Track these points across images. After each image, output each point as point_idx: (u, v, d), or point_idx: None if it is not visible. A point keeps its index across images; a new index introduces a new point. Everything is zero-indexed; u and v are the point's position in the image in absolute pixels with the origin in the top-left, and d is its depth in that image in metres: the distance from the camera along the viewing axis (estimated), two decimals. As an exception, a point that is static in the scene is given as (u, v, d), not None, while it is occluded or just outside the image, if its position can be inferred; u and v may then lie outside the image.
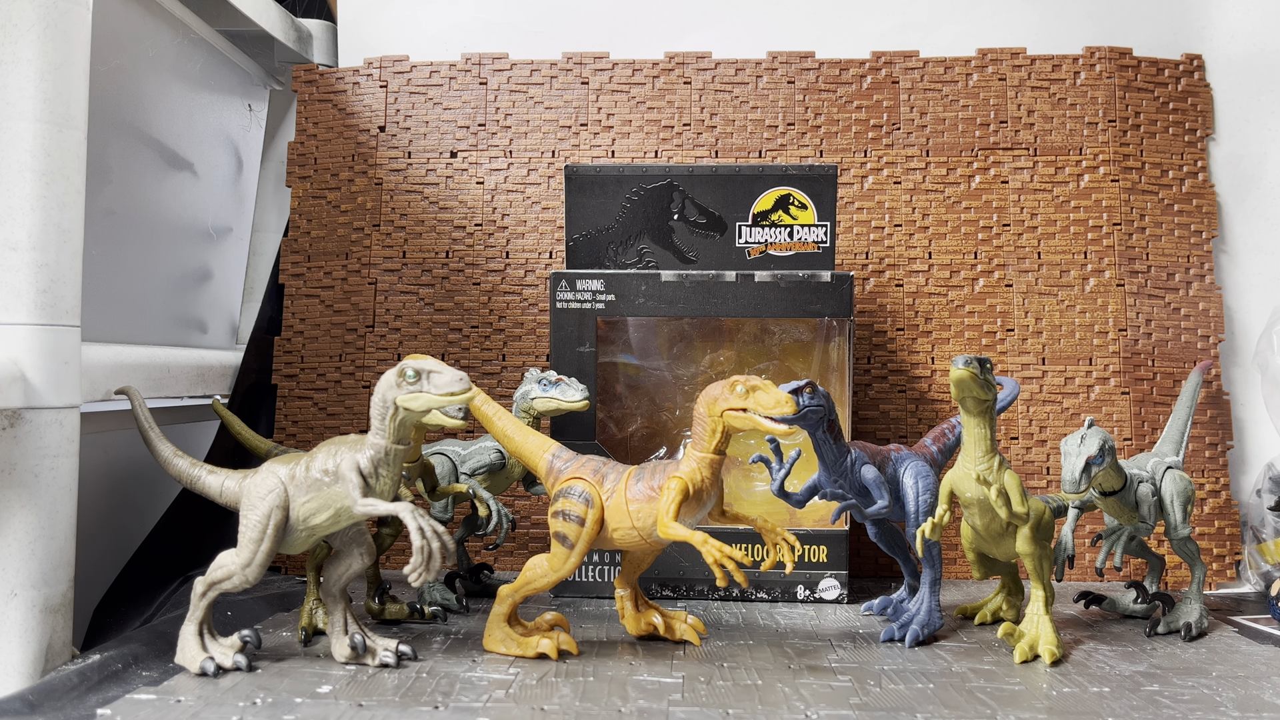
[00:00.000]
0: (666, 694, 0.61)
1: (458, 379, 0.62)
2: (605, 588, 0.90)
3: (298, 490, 0.65)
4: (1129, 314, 1.06)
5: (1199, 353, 1.07)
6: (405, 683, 0.62)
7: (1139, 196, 1.09)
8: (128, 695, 0.59)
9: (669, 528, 0.66)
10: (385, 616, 0.79)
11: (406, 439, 0.64)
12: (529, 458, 0.74)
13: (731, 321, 0.97)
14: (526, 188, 1.10)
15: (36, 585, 0.63)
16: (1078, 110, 1.09)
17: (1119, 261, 1.07)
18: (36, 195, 0.63)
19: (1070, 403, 1.05)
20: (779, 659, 0.70)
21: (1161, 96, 1.10)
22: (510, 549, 1.04)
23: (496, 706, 0.58)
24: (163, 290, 0.98)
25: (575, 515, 0.69)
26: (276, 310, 1.10)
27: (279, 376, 1.08)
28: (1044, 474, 1.04)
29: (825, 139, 1.10)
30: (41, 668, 0.63)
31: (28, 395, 0.63)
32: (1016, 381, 0.93)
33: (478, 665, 0.67)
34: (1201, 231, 1.09)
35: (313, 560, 0.76)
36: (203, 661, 0.63)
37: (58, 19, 0.64)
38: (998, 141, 1.09)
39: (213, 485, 0.69)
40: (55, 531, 0.64)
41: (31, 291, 0.63)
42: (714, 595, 0.90)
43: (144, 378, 0.82)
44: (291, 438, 1.07)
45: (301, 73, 1.13)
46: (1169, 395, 1.06)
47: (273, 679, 0.63)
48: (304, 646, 0.71)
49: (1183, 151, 1.10)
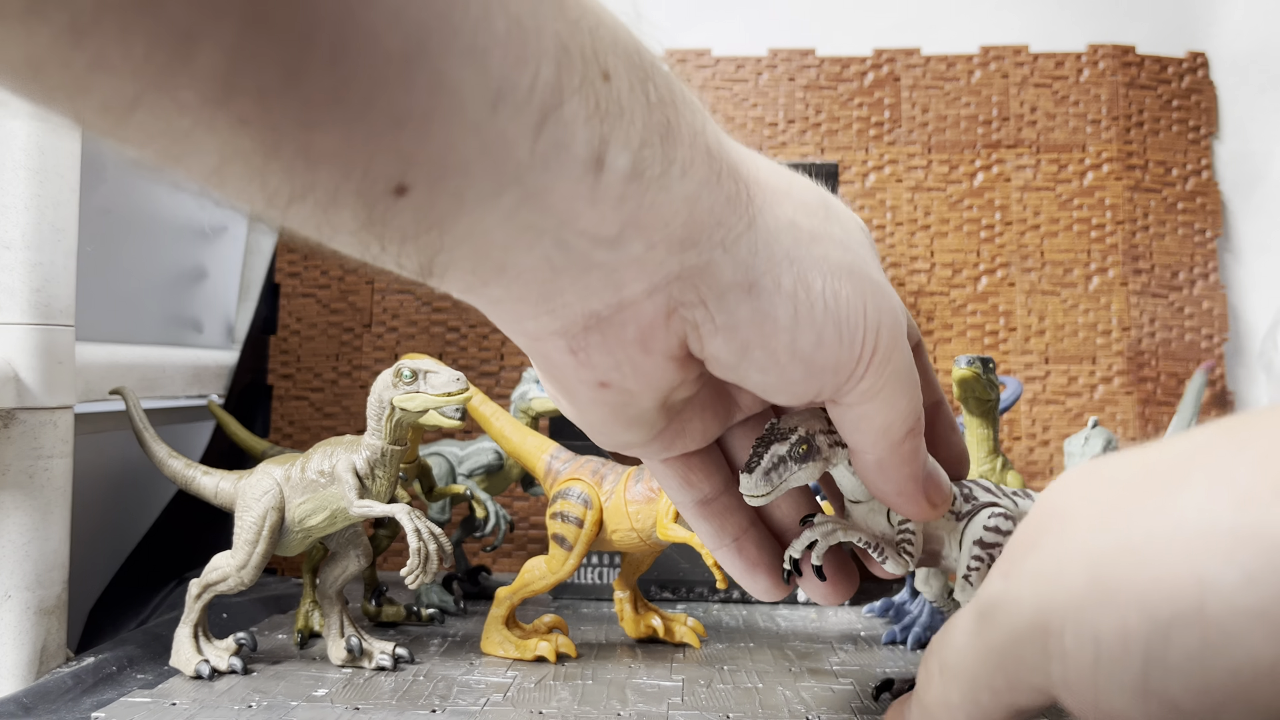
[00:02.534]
0: (666, 697, 0.60)
1: (455, 379, 0.61)
2: (604, 590, 0.89)
3: (293, 491, 0.64)
4: (1133, 313, 1.06)
5: (1203, 352, 1.06)
6: (402, 685, 0.62)
7: (1143, 195, 1.08)
8: (122, 698, 0.59)
9: (668, 529, 0.65)
10: (382, 619, 0.78)
11: (403, 440, 0.64)
12: (527, 458, 0.73)
13: (732, 321, 0.96)
14: (525, 186, 1.09)
15: (31, 587, 0.62)
16: (1081, 108, 1.09)
17: (1123, 260, 1.06)
18: (30, 193, 0.63)
19: (1074, 403, 1.05)
20: (780, 662, 0.69)
21: (1165, 94, 1.10)
22: (508, 550, 1.04)
23: (494, 710, 0.58)
24: (158, 289, 0.98)
25: (574, 517, 0.68)
26: (272, 309, 1.10)
27: (275, 376, 1.08)
28: (1047, 475, 1.04)
29: (826, 136, 1.09)
30: (36, 670, 0.63)
31: (21, 395, 0.62)
32: (1020, 381, 0.93)
33: (475, 668, 0.66)
34: (1206, 230, 1.08)
35: (309, 562, 0.76)
36: (198, 664, 0.63)
37: (50, 15, 0.63)
38: (1000, 139, 1.08)
39: (208, 486, 0.69)
40: (49, 533, 0.64)
41: (25, 291, 0.63)
42: (714, 597, 0.90)
43: (139, 378, 0.82)
44: (287, 438, 1.06)
45: (299, 70, 1.13)
46: (1173, 395, 1.05)
47: (268, 682, 0.62)
48: (300, 649, 0.71)
49: (1187, 149, 1.09)
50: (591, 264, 0.29)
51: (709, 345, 0.33)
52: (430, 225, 0.26)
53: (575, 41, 0.26)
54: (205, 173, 0.23)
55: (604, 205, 0.28)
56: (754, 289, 0.32)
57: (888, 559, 0.47)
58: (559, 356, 0.33)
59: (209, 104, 0.21)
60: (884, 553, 0.47)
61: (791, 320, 0.33)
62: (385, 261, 0.27)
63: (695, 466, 0.43)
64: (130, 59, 0.19)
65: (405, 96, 0.23)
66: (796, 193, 0.36)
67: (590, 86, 0.26)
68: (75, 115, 0.21)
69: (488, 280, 0.29)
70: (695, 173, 0.30)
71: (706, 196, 0.30)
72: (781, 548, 0.47)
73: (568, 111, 0.26)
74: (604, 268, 0.30)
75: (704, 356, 0.34)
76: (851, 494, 0.48)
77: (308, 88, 0.21)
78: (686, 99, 0.31)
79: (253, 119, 0.21)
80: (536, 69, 0.25)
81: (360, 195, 0.24)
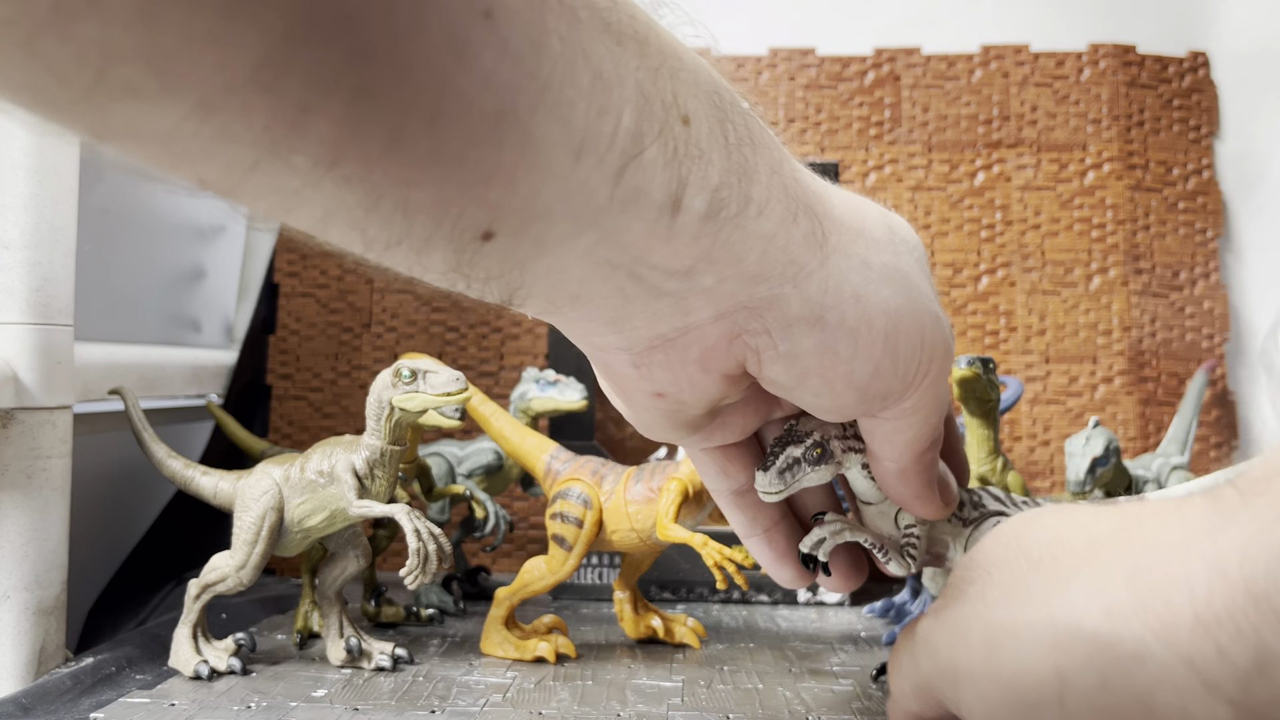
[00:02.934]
0: (666, 698, 0.60)
1: (454, 379, 0.61)
2: (604, 590, 0.89)
3: (292, 492, 0.64)
4: (1134, 313, 1.06)
5: (1204, 352, 1.06)
6: (401, 686, 0.62)
7: (1143, 194, 1.08)
8: (121, 698, 0.58)
9: (668, 529, 0.65)
10: (381, 619, 0.78)
11: (403, 440, 0.64)
12: (527, 458, 0.73)
13: (732, 320, 0.96)
14: (525, 186, 1.09)
15: (29, 588, 0.62)
16: (1082, 107, 1.08)
17: (1124, 260, 1.06)
18: (29, 193, 0.63)
19: (1074, 403, 1.04)
20: (780, 662, 0.69)
21: (1166, 93, 1.10)
22: (508, 551, 1.03)
23: (494, 710, 0.57)
24: (156, 289, 0.98)
25: (573, 517, 0.68)
26: (271, 309, 1.10)
27: (274, 376, 1.08)
28: (1048, 475, 1.03)
29: (827, 136, 1.09)
30: (34, 671, 0.62)
31: (19, 395, 0.62)
32: (1020, 381, 0.93)
33: (475, 668, 0.66)
34: (1207, 230, 1.08)
35: (308, 562, 0.76)
36: (197, 665, 0.63)
37: (49, 14, 0.63)
38: (1001, 139, 1.08)
39: (207, 486, 0.68)
40: (48, 534, 0.64)
41: (23, 290, 0.63)
42: (714, 598, 0.89)
43: (138, 378, 0.82)
44: (286, 438, 1.06)
45: (298, 70, 1.12)
46: (1174, 395, 1.05)
47: (268, 682, 0.62)
48: (299, 649, 0.71)
49: (1188, 149, 1.09)
50: (662, 293, 0.31)
51: (767, 369, 0.34)
52: (513, 266, 0.28)
53: (655, 89, 0.27)
54: (310, 223, 0.25)
55: (678, 243, 0.29)
56: (819, 323, 0.33)
57: (891, 560, 0.49)
58: (621, 368, 0.35)
59: (318, 167, 0.22)
60: (888, 554, 0.49)
61: (851, 353, 0.34)
62: (469, 292, 0.29)
63: (733, 457, 0.44)
64: (251, 130, 0.21)
65: (495, 153, 0.24)
66: (868, 228, 0.37)
67: (669, 132, 0.28)
68: (198, 178, 0.22)
69: (562, 306, 0.31)
70: (772, 212, 0.31)
71: (782, 235, 0.31)
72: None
73: (647, 157, 0.27)
74: (674, 296, 0.31)
75: (760, 377, 0.36)
76: (864, 496, 0.50)
77: (407, 150, 0.23)
78: (764, 137, 0.32)
79: (356, 179, 0.23)
80: (618, 119, 0.26)
81: (451, 241, 0.26)
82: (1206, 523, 0.26)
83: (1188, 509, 0.27)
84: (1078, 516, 0.31)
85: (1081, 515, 0.31)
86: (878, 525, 0.51)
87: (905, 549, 0.50)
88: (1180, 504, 0.27)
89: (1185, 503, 0.27)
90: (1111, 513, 0.30)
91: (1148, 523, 0.28)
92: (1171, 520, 0.27)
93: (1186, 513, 0.27)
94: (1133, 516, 0.29)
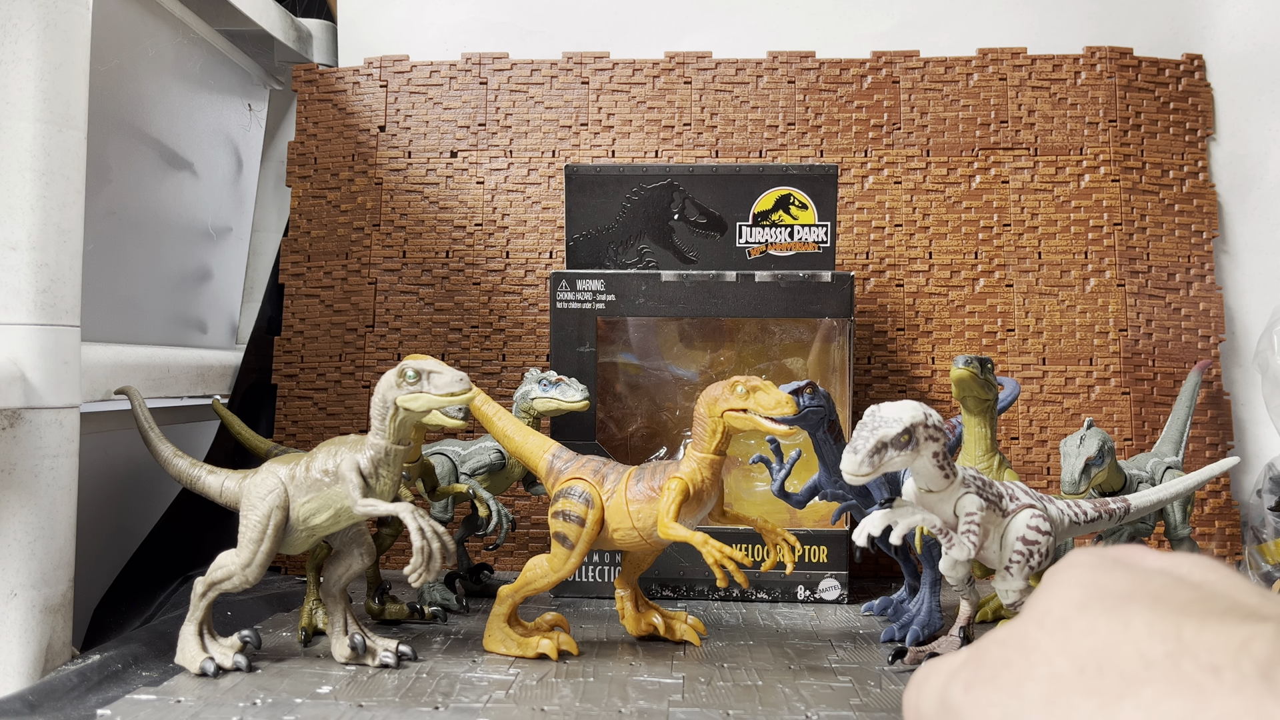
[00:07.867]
0: (666, 694, 0.61)
1: (458, 379, 0.62)
2: (605, 588, 0.90)
3: (298, 490, 0.65)
4: (1129, 314, 1.06)
5: (1199, 353, 1.07)
6: (405, 683, 0.62)
7: (1139, 196, 1.08)
8: (127, 695, 0.59)
9: (669, 528, 0.66)
10: (385, 617, 0.79)
11: (406, 439, 0.64)
12: (529, 458, 0.74)
13: (732, 321, 0.97)
14: (526, 187, 1.10)
15: (36, 585, 0.63)
16: (1078, 110, 1.09)
17: (1119, 261, 1.07)
18: (36, 195, 0.63)
19: (1070, 403, 1.05)
20: (779, 659, 0.70)
21: (1162, 96, 1.10)
22: (510, 549, 1.04)
23: (496, 707, 0.58)
24: (163, 290, 0.98)
25: (575, 515, 0.69)
26: (276, 310, 1.10)
27: (279, 376, 1.08)
28: (1044, 474, 1.04)
29: (825, 139, 1.10)
30: (41, 668, 0.63)
31: (27, 395, 0.63)
32: (1017, 381, 0.93)
33: (478, 666, 0.67)
34: (1202, 231, 1.09)
35: (312, 560, 0.76)
36: (203, 662, 0.63)
37: (57, 19, 0.64)
38: (998, 141, 1.09)
39: (213, 485, 0.69)
40: (55, 531, 0.64)
41: (31, 291, 0.63)
42: (714, 596, 0.90)
43: (144, 377, 0.82)
44: (291, 438, 1.07)
45: (301, 72, 1.13)
46: (1169, 395, 1.06)
47: (273, 679, 0.63)
48: (304, 647, 0.71)
49: (1183, 151, 1.10)
50: None
51: None
52: None
53: None
54: None
55: None
56: None
57: (954, 544, 0.56)
58: None
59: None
60: (951, 538, 0.57)
61: None
62: None
63: None
64: None
65: None
66: None
67: None
68: None
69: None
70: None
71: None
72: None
73: None
74: None
75: None
76: (929, 483, 0.57)
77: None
78: None
79: None
80: None
81: None
82: (1259, 700, 0.24)
83: (1246, 664, 0.26)
84: (1131, 624, 0.30)
85: (1135, 623, 0.30)
86: (939, 512, 0.58)
87: (967, 534, 0.57)
88: (1239, 653, 0.26)
89: (1243, 652, 0.26)
90: (1167, 630, 0.28)
91: (1202, 658, 0.26)
92: (1228, 674, 0.26)
93: (1244, 669, 0.25)
94: (1189, 643, 0.27)
